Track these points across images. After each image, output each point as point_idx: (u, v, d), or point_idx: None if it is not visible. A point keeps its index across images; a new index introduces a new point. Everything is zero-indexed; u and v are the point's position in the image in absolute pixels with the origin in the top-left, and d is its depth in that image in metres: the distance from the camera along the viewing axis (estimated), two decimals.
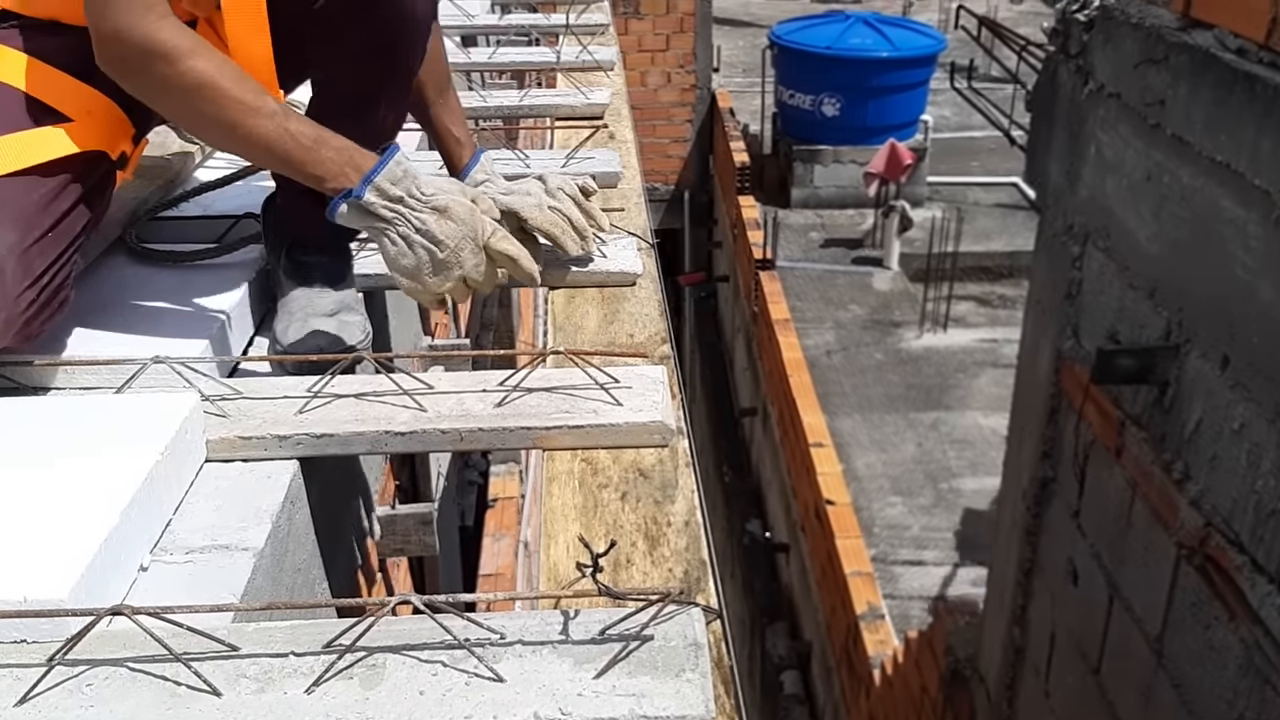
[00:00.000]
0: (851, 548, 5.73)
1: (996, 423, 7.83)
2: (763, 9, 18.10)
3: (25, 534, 1.02)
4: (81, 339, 1.38)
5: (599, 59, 3.00)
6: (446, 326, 2.95)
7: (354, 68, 1.41)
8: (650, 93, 11.66)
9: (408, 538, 1.74)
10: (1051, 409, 2.98)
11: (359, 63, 1.40)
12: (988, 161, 12.19)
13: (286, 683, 0.90)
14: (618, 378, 1.36)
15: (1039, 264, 3.15)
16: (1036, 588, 3.21)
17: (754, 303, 8.71)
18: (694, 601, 1.00)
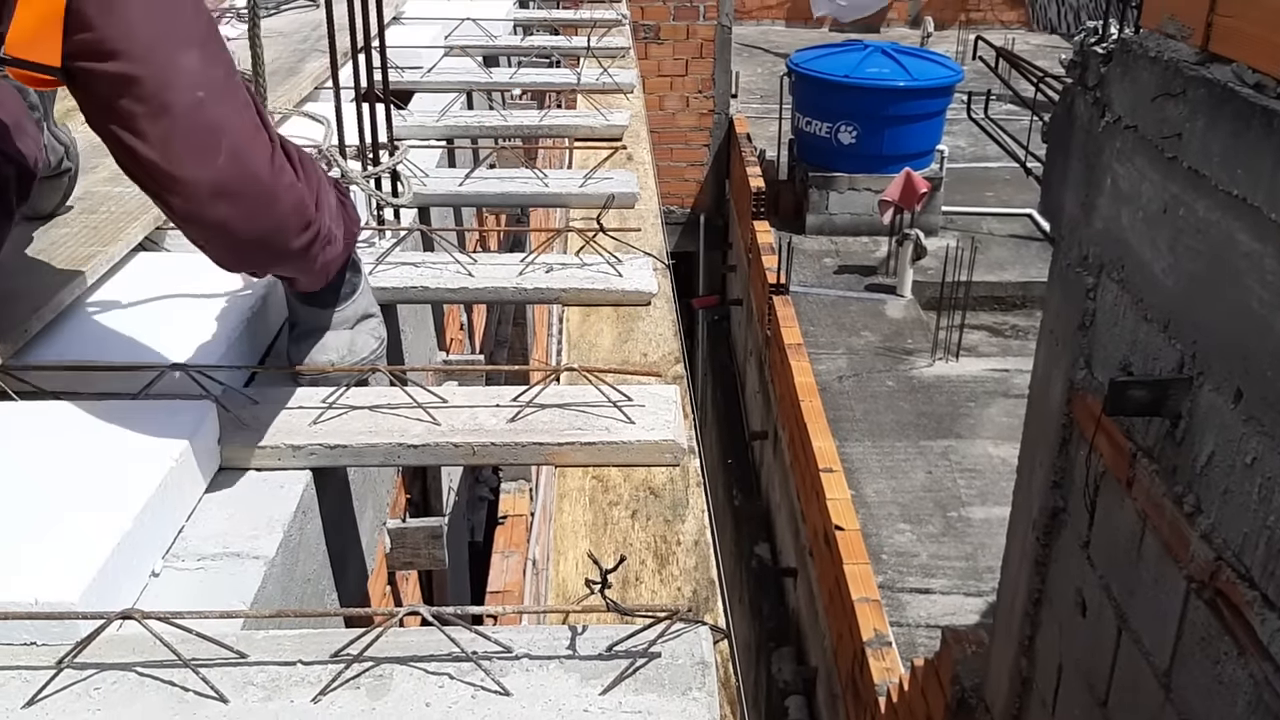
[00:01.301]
0: (860, 574, 5.70)
1: (1007, 452, 7.80)
2: (781, 36, 18.18)
3: (38, 537, 1.03)
4: (100, 345, 1.39)
5: (619, 82, 3.02)
6: (461, 342, 2.96)
7: None
8: (668, 116, 11.71)
9: (417, 551, 1.75)
10: (1063, 439, 2.97)
11: None
12: (1002, 192, 12.18)
13: (294, 691, 0.91)
14: (631, 396, 1.36)
15: (1053, 294, 3.15)
16: (1045, 618, 3.19)
17: (767, 327, 8.71)
18: (702, 620, 1.00)
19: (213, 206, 1.15)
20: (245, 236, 1.20)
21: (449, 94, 2.87)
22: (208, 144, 1.14)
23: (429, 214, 2.38)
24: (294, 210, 1.23)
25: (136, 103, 1.10)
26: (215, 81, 1.15)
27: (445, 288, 1.75)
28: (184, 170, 1.13)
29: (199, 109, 1.12)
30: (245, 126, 1.18)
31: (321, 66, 2.75)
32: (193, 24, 1.15)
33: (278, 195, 1.20)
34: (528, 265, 1.80)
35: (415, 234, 2.01)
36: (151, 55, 1.10)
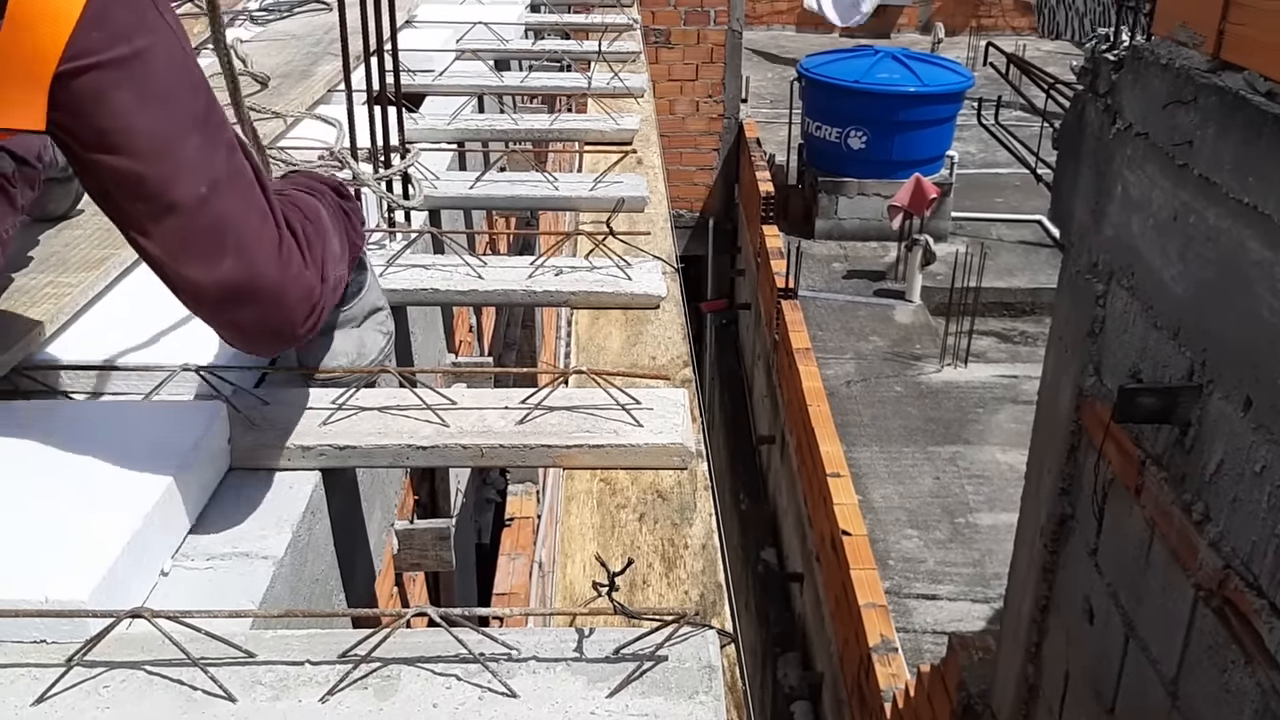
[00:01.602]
0: (866, 579, 5.70)
1: (1015, 459, 7.78)
2: (792, 41, 18.17)
3: (49, 535, 1.04)
4: (112, 346, 1.39)
5: (630, 86, 3.02)
6: (470, 345, 2.96)
7: None
8: (678, 121, 11.73)
9: (425, 553, 1.75)
10: (1071, 446, 2.96)
11: None
12: (1012, 198, 12.16)
13: (301, 691, 0.91)
14: (639, 399, 1.37)
15: (1062, 301, 3.14)
16: (1052, 625, 3.18)
17: (775, 331, 8.71)
18: (709, 624, 1.00)
19: (222, 309, 1.11)
20: (255, 333, 1.16)
21: (460, 97, 2.88)
22: (214, 244, 1.08)
23: (439, 216, 2.39)
24: (302, 299, 1.17)
25: (138, 200, 1.05)
26: (218, 169, 1.09)
27: (456, 290, 1.76)
28: (191, 271, 1.08)
29: (204, 206, 1.07)
30: (251, 218, 1.12)
31: (334, 70, 2.76)
32: (191, 103, 1.08)
33: (285, 290, 1.14)
34: (537, 268, 1.81)
35: (426, 236, 2.01)
36: (151, 149, 1.04)
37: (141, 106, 1.03)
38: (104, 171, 1.04)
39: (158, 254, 1.08)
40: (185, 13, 3.00)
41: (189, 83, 1.08)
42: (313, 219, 1.25)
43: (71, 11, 0.97)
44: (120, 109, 1.02)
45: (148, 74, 1.03)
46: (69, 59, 0.98)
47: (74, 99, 1.00)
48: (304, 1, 3.51)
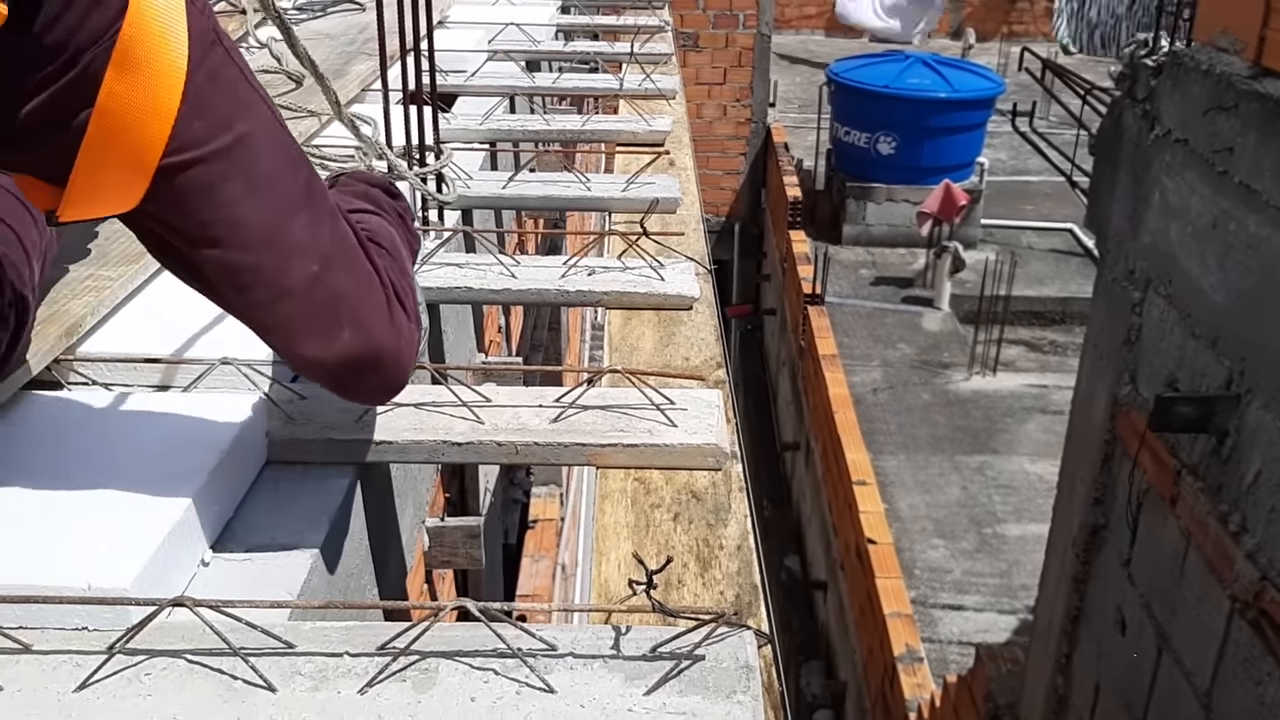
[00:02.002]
0: (891, 588, 5.67)
1: (1044, 469, 7.73)
2: (821, 46, 18.15)
3: (91, 524, 1.04)
4: (151, 338, 1.40)
5: (661, 87, 3.02)
6: (499, 344, 2.97)
7: None
8: (705, 124, 11.72)
9: (455, 550, 1.75)
10: (1105, 455, 2.94)
11: None
12: (1043, 206, 12.09)
13: (340, 682, 0.91)
14: (673, 399, 1.36)
15: (1097, 308, 3.12)
16: (1082, 636, 3.16)
17: (801, 337, 8.69)
18: (746, 625, 0.99)
19: (345, 380, 1.10)
20: (375, 393, 1.16)
21: (492, 98, 2.89)
22: (331, 319, 1.04)
23: (472, 216, 2.39)
24: (410, 351, 1.15)
25: (250, 290, 1.00)
26: (326, 243, 1.04)
27: (489, 289, 1.76)
28: (310, 349, 1.05)
29: (317, 285, 1.02)
30: (361, 286, 1.08)
31: (368, 69, 2.78)
32: (294, 179, 1.02)
33: (401, 351, 1.12)
34: (570, 268, 1.81)
35: (458, 235, 2.02)
36: (262, 238, 0.98)
37: (250, 195, 0.97)
38: (212, 265, 0.98)
39: (274, 338, 1.05)
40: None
41: (289, 158, 1.02)
42: (391, 251, 1.21)
43: (171, 103, 0.89)
44: (228, 200, 0.95)
45: (252, 158, 0.97)
46: (172, 153, 0.91)
47: (179, 194, 0.93)
48: (338, 1, 3.53)
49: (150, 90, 0.88)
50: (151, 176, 0.91)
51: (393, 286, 1.15)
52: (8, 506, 1.07)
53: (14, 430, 1.20)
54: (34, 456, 1.15)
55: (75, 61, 0.86)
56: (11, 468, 1.12)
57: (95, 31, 0.86)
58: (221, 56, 0.94)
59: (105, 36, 0.86)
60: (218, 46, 0.94)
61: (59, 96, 0.87)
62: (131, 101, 0.88)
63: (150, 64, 0.88)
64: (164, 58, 0.88)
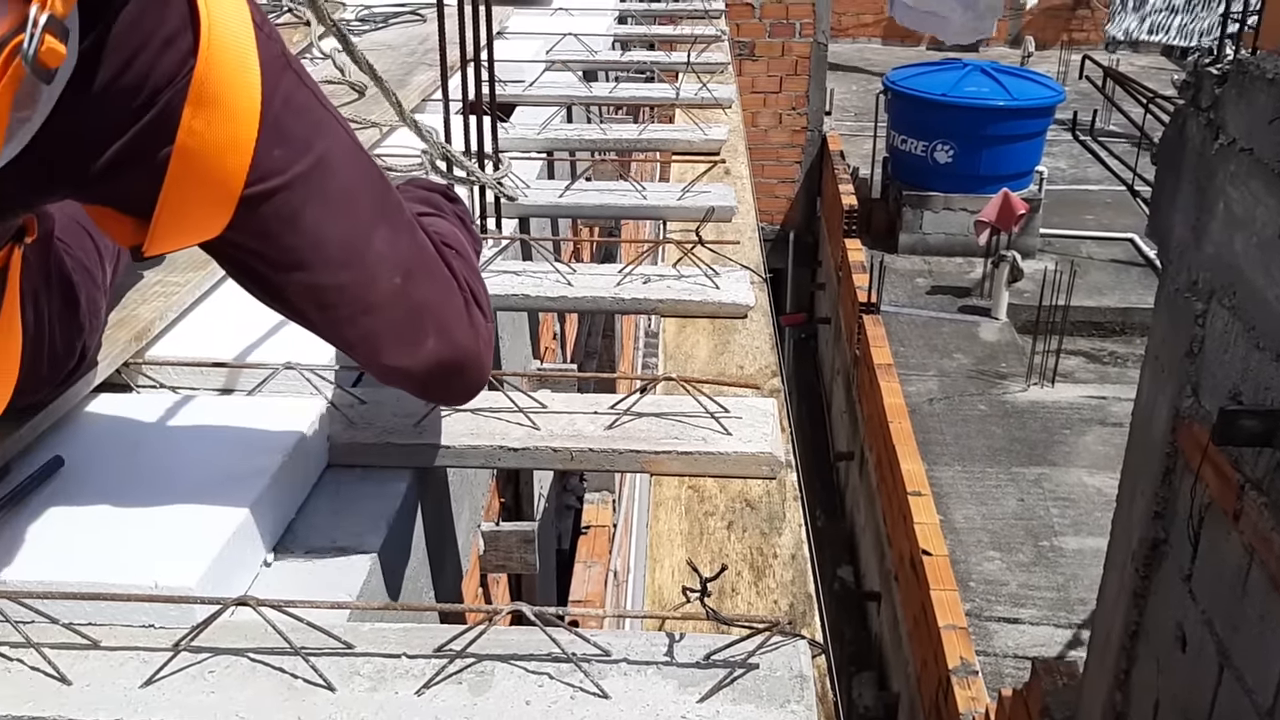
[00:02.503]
0: (946, 600, 5.61)
1: (1102, 482, 7.61)
2: (878, 54, 18.04)
3: (159, 524, 1.07)
4: (217, 343, 1.44)
5: (718, 96, 3.03)
6: (554, 351, 2.99)
7: None
8: (761, 133, 11.70)
9: (509, 555, 1.77)
10: (1166, 469, 2.89)
11: None
12: (1103, 216, 11.91)
13: (398, 683, 0.93)
14: (728, 407, 1.37)
15: (1159, 320, 3.07)
16: (1141, 652, 3.10)
17: (856, 346, 8.63)
18: (800, 634, 0.99)
19: (431, 386, 1.12)
20: (460, 394, 1.18)
21: (550, 107, 2.91)
22: (416, 329, 1.05)
23: (528, 224, 2.41)
24: (489, 349, 1.18)
25: (333, 309, 1.00)
26: (406, 255, 1.04)
27: (545, 296, 1.78)
28: (397, 359, 1.06)
29: (401, 297, 1.03)
30: (442, 293, 1.09)
31: (428, 79, 2.81)
32: (372, 194, 1.02)
33: (482, 352, 1.15)
34: (625, 276, 1.82)
35: (515, 244, 2.04)
36: (345, 258, 0.98)
37: (330, 215, 0.97)
38: (298, 287, 0.99)
39: (359, 352, 1.06)
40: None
41: (365, 173, 1.02)
42: (461, 252, 1.22)
43: (249, 135, 0.90)
44: (310, 223, 0.96)
45: (331, 178, 0.97)
46: (254, 183, 0.91)
47: (262, 220, 0.94)
48: (399, 13, 3.58)
49: (228, 125, 0.89)
50: (234, 208, 0.92)
51: (469, 288, 1.16)
52: (79, 506, 1.10)
53: (85, 432, 1.23)
54: (104, 458, 1.18)
55: (153, 103, 0.87)
56: (83, 469, 1.16)
57: (169, 72, 0.86)
58: (293, 81, 0.95)
59: (179, 76, 0.86)
60: (288, 71, 0.94)
61: (139, 138, 0.87)
62: (210, 138, 0.89)
63: (225, 99, 0.88)
64: (238, 91, 0.89)
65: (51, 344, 1.15)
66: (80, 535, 1.05)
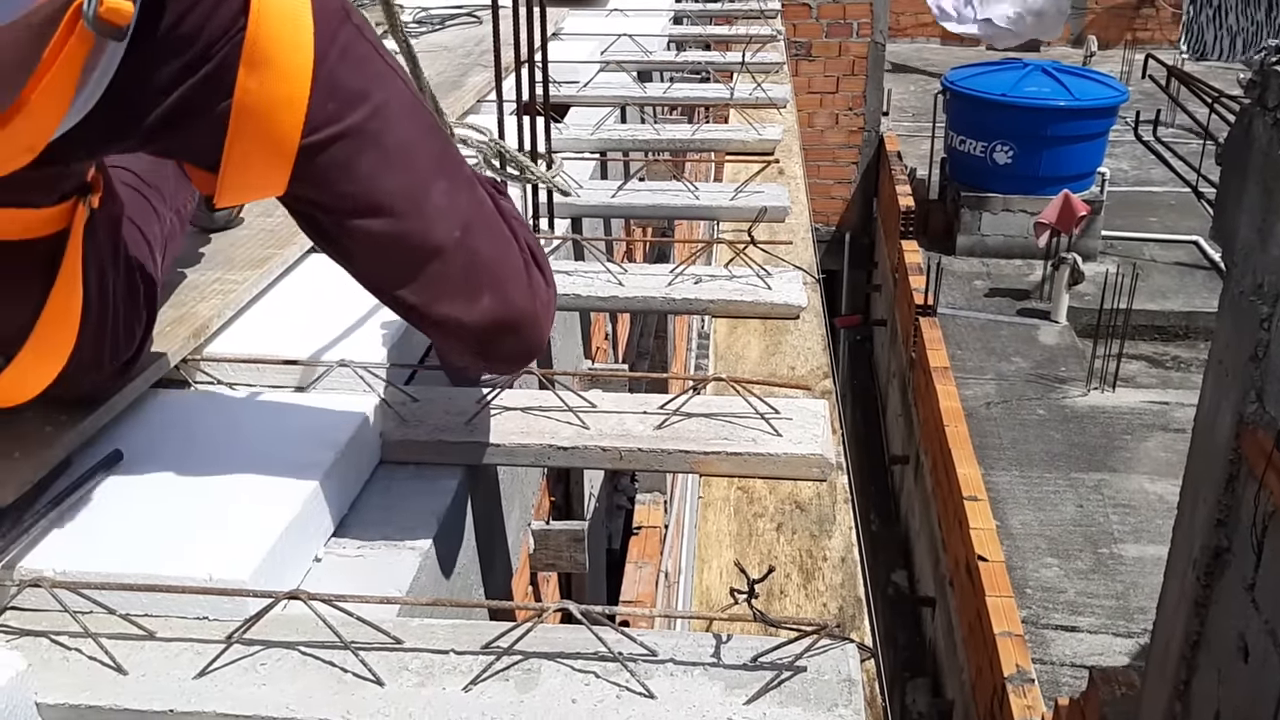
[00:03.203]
0: (1002, 607, 5.53)
1: (1164, 489, 7.45)
2: (936, 54, 17.85)
3: (213, 518, 1.09)
4: (273, 340, 1.46)
5: (772, 96, 3.01)
6: (606, 351, 3.00)
7: None
8: (817, 134, 11.63)
9: (559, 554, 1.77)
10: (1230, 475, 2.83)
11: None
12: (1166, 218, 11.67)
13: (446, 679, 0.93)
14: (778, 408, 1.36)
15: (1223, 323, 3.00)
16: (1202, 662, 3.04)
17: (912, 349, 8.55)
18: (849, 638, 0.98)
19: (485, 344, 1.12)
20: (515, 357, 1.17)
21: (604, 108, 2.92)
22: (472, 284, 1.07)
23: (581, 224, 2.42)
24: (548, 313, 1.18)
25: (395, 255, 1.03)
26: (466, 209, 1.06)
27: (597, 296, 1.78)
28: (451, 311, 1.07)
29: (459, 249, 1.05)
30: (501, 249, 1.11)
31: (483, 80, 2.83)
32: (430, 147, 1.04)
33: (539, 313, 1.15)
34: (676, 276, 1.82)
35: (567, 243, 2.05)
36: (403, 207, 1.01)
37: (387, 165, 1.00)
38: (357, 235, 1.02)
39: (415, 302, 1.06)
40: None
41: (425, 127, 1.05)
42: (523, 223, 1.23)
43: (302, 91, 0.93)
44: (367, 171, 0.99)
45: (387, 129, 1.00)
46: (309, 134, 0.95)
47: (319, 171, 0.97)
48: (455, 15, 3.61)
49: (281, 84, 0.92)
50: (293, 161, 0.95)
51: (530, 250, 1.17)
52: (137, 500, 1.12)
53: (144, 426, 1.26)
54: (161, 452, 1.20)
55: (208, 56, 0.91)
56: (141, 463, 1.18)
57: (222, 26, 0.90)
58: (352, 33, 0.97)
59: (232, 31, 0.90)
60: (347, 23, 0.97)
61: (197, 90, 0.92)
62: (265, 95, 0.92)
63: (277, 59, 0.92)
64: (290, 50, 0.92)
65: (114, 326, 1.17)
66: (137, 527, 1.07)
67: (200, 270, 1.57)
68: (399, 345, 1.48)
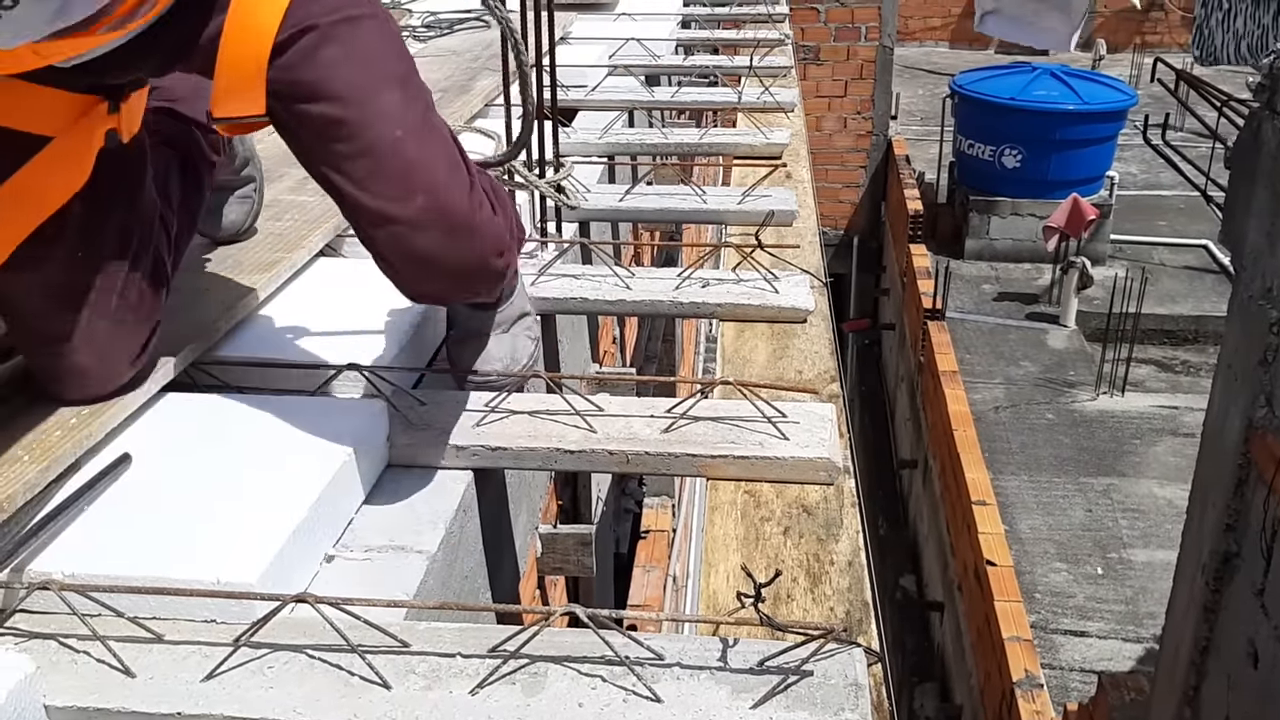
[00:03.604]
0: (1011, 611, 5.51)
1: (1173, 493, 7.42)
2: (945, 58, 17.82)
3: (221, 521, 1.09)
4: (282, 344, 1.46)
5: (780, 100, 3.01)
6: (613, 355, 3.00)
7: None
8: (825, 137, 11.61)
9: (567, 557, 1.77)
10: (1239, 480, 2.81)
11: None
12: (1176, 221, 11.63)
13: (452, 682, 0.93)
14: (785, 412, 1.36)
15: (1232, 328, 2.99)
16: (1212, 668, 3.02)
17: (921, 353, 8.53)
18: (855, 642, 0.98)
19: (417, 238, 1.18)
20: (448, 266, 1.23)
21: (611, 112, 2.92)
22: (406, 184, 1.17)
23: (589, 228, 2.42)
24: (492, 244, 1.27)
25: (339, 143, 1.15)
26: (413, 120, 1.18)
27: (604, 299, 1.78)
28: (383, 205, 1.16)
29: (398, 148, 1.16)
30: (442, 164, 1.21)
31: (492, 84, 2.84)
32: (394, 66, 1.19)
33: (475, 228, 1.23)
34: (684, 280, 1.82)
35: (575, 247, 2.05)
36: (352, 97, 1.14)
37: (347, 61, 1.14)
38: (308, 120, 1.14)
39: (355, 194, 1.16)
40: None
41: (395, 51, 1.19)
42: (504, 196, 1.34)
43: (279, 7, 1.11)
44: (327, 61, 1.13)
45: (355, 35, 1.14)
46: (285, 29, 1.11)
47: (288, 60, 1.12)
48: (464, 20, 3.62)
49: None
50: (267, 62, 1.11)
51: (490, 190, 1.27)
52: (145, 502, 1.12)
53: (152, 430, 1.26)
54: (170, 455, 1.20)
55: None
56: (149, 466, 1.18)
57: None
58: None
59: None
60: None
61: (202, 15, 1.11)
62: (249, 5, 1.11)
63: None
64: None
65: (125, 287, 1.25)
66: (146, 531, 1.08)
67: (209, 274, 1.57)
68: (407, 349, 1.48)
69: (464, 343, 1.49)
